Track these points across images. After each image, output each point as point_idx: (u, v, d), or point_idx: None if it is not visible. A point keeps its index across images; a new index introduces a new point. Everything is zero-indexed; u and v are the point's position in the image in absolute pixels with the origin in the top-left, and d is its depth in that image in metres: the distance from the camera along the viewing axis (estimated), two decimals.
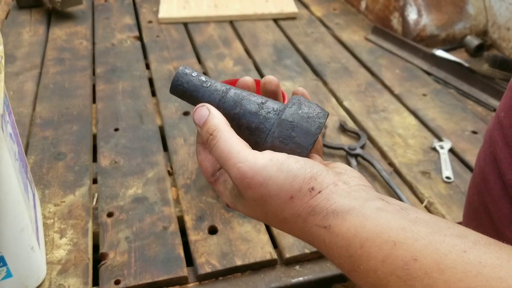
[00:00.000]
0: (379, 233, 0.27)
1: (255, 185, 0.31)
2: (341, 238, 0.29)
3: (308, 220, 0.31)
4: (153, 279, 0.59)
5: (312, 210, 0.30)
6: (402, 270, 0.25)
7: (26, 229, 0.54)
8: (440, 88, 1.03)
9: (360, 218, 0.28)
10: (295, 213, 0.31)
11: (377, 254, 0.27)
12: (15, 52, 1.14)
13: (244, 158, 0.32)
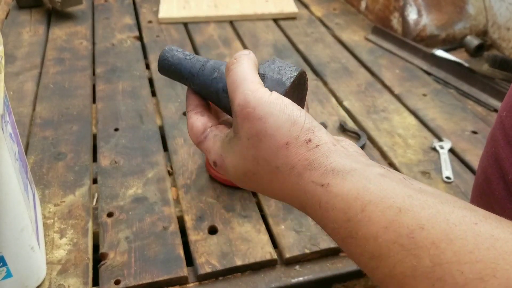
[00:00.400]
0: (383, 197, 0.25)
1: (254, 117, 0.30)
2: (340, 200, 0.26)
3: (303, 175, 0.28)
4: (153, 279, 0.59)
5: (309, 164, 0.28)
6: (406, 238, 0.23)
7: (26, 229, 0.54)
8: (440, 88, 1.03)
9: (363, 181, 0.26)
10: (289, 163, 0.29)
11: (380, 219, 0.24)
12: (15, 52, 1.14)
13: (254, 88, 0.31)
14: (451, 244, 0.22)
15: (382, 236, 0.24)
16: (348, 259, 0.64)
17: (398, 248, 0.23)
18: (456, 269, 0.21)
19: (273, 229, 0.67)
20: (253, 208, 0.70)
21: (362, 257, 0.25)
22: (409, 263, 0.23)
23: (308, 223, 0.68)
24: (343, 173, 0.27)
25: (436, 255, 0.22)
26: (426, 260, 0.22)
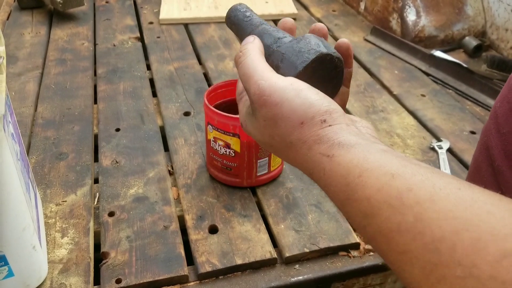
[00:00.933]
0: (380, 166, 0.28)
1: (270, 104, 0.32)
2: (342, 167, 0.29)
3: (313, 148, 0.31)
4: (154, 278, 0.60)
5: (318, 139, 0.31)
6: (395, 199, 0.26)
7: (28, 229, 0.55)
8: (438, 89, 1.04)
9: (364, 152, 0.29)
10: (301, 139, 0.32)
11: (374, 183, 0.27)
12: (17, 53, 1.15)
13: (266, 77, 0.33)
14: (433, 204, 0.24)
15: (374, 197, 0.27)
16: (347, 259, 0.64)
17: (387, 207, 0.26)
18: (435, 224, 0.23)
19: (273, 228, 0.67)
20: (253, 207, 0.71)
21: (357, 217, 0.28)
22: (395, 219, 0.25)
23: (308, 223, 0.68)
24: (348, 147, 0.30)
25: (419, 212, 0.24)
26: (409, 217, 0.25)
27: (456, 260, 0.22)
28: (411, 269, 0.24)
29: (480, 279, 0.21)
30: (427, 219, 0.24)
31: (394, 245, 0.25)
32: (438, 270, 0.23)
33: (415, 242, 0.24)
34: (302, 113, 0.32)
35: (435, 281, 0.23)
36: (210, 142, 0.73)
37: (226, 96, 0.77)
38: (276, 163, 0.75)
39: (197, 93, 1.00)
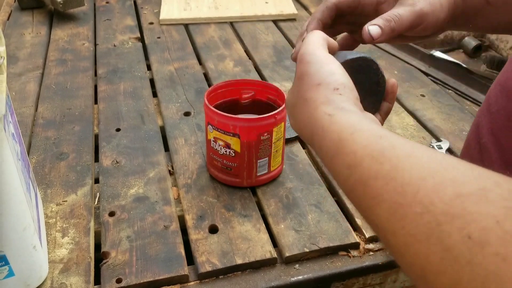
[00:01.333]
0: (371, 129, 0.32)
1: (304, 61, 0.38)
2: (338, 125, 0.33)
3: (319, 107, 0.36)
4: (154, 277, 0.60)
5: (327, 101, 0.36)
6: (378, 152, 0.29)
7: (28, 228, 0.55)
8: (438, 89, 1.04)
9: (360, 118, 0.33)
10: (313, 98, 0.36)
11: (363, 140, 0.31)
12: (17, 53, 1.15)
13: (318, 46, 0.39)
14: (409, 158, 0.28)
15: (360, 151, 0.30)
16: (347, 258, 0.64)
17: (370, 159, 0.29)
18: (407, 172, 0.27)
19: (273, 228, 0.68)
20: (253, 207, 0.71)
21: (342, 168, 0.31)
22: (374, 168, 0.29)
23: (308, 223, 0.68)
24: (348, 112, 0.34)
25: (395, 163, 0.28)
26: (387, 166, 0.28)
27: (417, 200, 0.25)
28: (379, 211, 0.27)
29: (434, 214, 0.24)
30: (401, 169, 0.27)
31: (369, 191, 0.28)
32: (402, 209, 0.26)
33: (387, 186, 0.27)
34: (323, 76, 0.37)
35: (397, 218, 0.26)
36: (210, 142, 0.73)
37: (226, 96, 0.77)
38: (276, 163, 0.75)
39: (197, 93, 1.00)
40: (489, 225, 0.22)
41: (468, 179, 0.25)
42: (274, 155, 0.73)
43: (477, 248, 0.22)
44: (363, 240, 0.66)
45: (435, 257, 0.24)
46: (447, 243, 0.23)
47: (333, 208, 0.71)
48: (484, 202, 0.23)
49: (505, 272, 0.21)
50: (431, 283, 0.24)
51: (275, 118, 0.69)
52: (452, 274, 0.23)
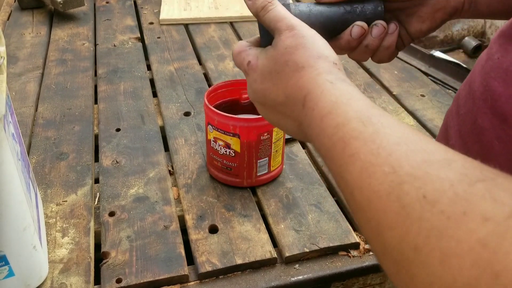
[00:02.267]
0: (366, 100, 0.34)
1: (298, 35, 0.38)
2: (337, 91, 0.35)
3: (321, 74, 0.36)
4: (154, 277, 0.60)
5: (329, 71, 0.36)
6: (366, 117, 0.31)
7: (29, 228, 0.55)
8: (438, 89, 1.04)
9: (357, 90, 0.35)
10: (314, 66, 0.37)
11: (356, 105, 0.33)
12: (17, 53, 1.15)
13: (297, 20, 0.39)
14: (392, 126, 0.30)
15: (350, 112, 0.32)
16: (347, 258, 0.64)
17: (357, 120, 0.31)
18: (385, 137, 0.29)
19: (273, 228, 0.68)
20: (253, 207, 0.71)
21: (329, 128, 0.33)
22: (358, 129, 0.30)
23: (308, 223, 0.68)
24: (349, 84, 0.35)
25: (377, 128, 0.30)
26: (370, 128, 0.30)
27: (388, 162, 0.27)
28: (352, 168, 0.29)
29: (399, 175, 0.26)
30: (382, 133, 0.29)
31: (348, 149, 0.30)
32: (372, 167, 0.28)
33: (365, 147, 0.29)
34: (322, 50, 0.38)
35: (366, 175, 0.28)
36: (210, 142, 0.73)
37: (226, 96, 0.77)
38: (276, 163, 0.75)
39: (197, 93, 1.00)
40: (443, 187, 0.24)
41: (439, 151, 0.27)
42: (274, 155, 0.73)
43: (428, 206, 0.24)
44: (363, 240, 0.66)
45: (392, 213, 0.26)
46: (404, 200, 0.25)
47: (333, 208, 0.71)
48: (446, 168, 0.25)
49: (445, 228, 0.23)
50: (383, 236, 0.26)
51: None
52: (402, 228, 0.25)
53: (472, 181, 0.24)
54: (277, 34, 0.40)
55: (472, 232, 0.22)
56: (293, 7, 0.44)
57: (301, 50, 0.38)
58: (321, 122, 0.34)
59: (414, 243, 0.24)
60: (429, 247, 0.23)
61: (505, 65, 0.32)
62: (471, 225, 0.22)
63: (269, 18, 0.40)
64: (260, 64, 0.41)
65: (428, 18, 0.47)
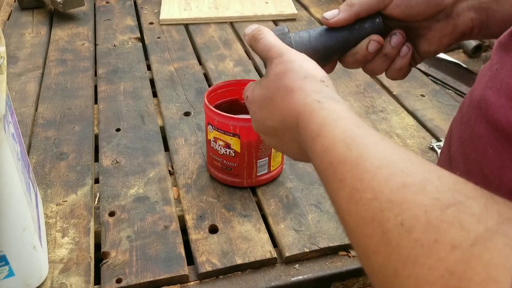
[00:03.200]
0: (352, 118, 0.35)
1: (286, 61, 0.41)
2: (325, 111, 0.36)
3: (310, 95, 0.38)
4: (154, 277, 0.60)
5: (316, 90, 0.38)
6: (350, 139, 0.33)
7: (29, 228, 0.55)
8: (438, 89, 1.04)
9: (345, 108, 0.36)
10: (302, 88, 0.39)
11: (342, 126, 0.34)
12: (17, 53, 1.15)
13: (287, 48, 0.42)
14: (375, 147, 0.31)
15: (336, 136, 0.34)
16: (347, 258, 0.64)
17: (342, 144, 0.32)
18: (369, 160, 0.30)
19: (273, 228, 0.68)
20: (253, 207, 0.71)
21: (319, 151, 0.35)
22: (343, 153, 0.32)
23: (308, 223, 0.68)
24: (337, 101, 0.37)
25: (361, 151, 0.31)
26: (354, 152, 0.31)
27: (370, 187, 0.28)
28: (342, 193, 0.31)
29: (380, 201, 0.27)
30: (365, 156, 0.30)
31: (337, 174, 0.32)
32: (358, 193, 0.29)
33: (351, 172, 0.30)
34: (307, 70, 0.40)
35: (354, 202, 0.29)
36: (210, 142, 0.73)
37: (226, 96, 0.77)
38: (276, 163, 0.75)
39: (197, 93, 1.00)
40: (418, 214, 0.25)
41: (416, 171, 0.28)
42: (274, 155, 0.73)
43: (405, 234, 0.25)
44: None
45: (375, 239, 0.27)
46: (385, 227, 0.27)
47: (333, 208, 0.71)
48: (421, 192, 0.26)
49: (419, 256, 0.24)
50: (369, 261, 0.28)
51: None
52: (384, 254, 0.26)
53: (444, 206, 0.25)
54: (269, 63, 0.42)
55: (442, 260, 0.23)
56: (293, 35, 0.46)
57: (289, 74, 0.40)
58: (313, 144, 0.36)
59: (394, 268, 0.26)
60: (406, 273, 0.25)
61: (501, 76, 0.33)
62: (441, 253, 0.24)
63: (260, 48, 0.43)
64: (256, 95, 0.43)
65: (435, 42, 0.47)
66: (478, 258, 0.22)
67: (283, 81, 0.40)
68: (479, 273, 0.22)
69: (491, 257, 0.22)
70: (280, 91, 0.40)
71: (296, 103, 0.39)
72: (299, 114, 0.38)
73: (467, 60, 1.16)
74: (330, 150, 0.33)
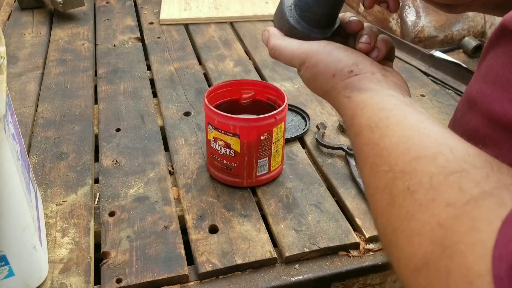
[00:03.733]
0: (378, 103, 0.37)
1: (309, 67, 0.43)
2: (353, 104, 0.39)
3: (340, 92, 0.41)
4: (154, 277, 0.60)
5: (345, 85, 0.41)
6: (374, 123, 0.36)
7: (29, 228, 0.55)
8: (438, 89, 1.04)
9: (373, 95, 0.38)
10: (333, 86, 0.42)
11: (367, 113, 0.37)
12: (18, 53, 1.15)
13: (302, 50, 0.43)
14: (396, 126, 0.34)
15: (362, 122, 0.37)
16: (347, 258, 0.64)
17: (368, 129, 0.36)
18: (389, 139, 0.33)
19: (273, 228, 0.68)
20: (253, 207, 0.71)
21: (352, 137, 0.38)
22: (368, 136, 0.35)
23: (308, 223, 0.68)
24: (364, 91, 0.39)
25: (383, 132, 0.34)
26: (376, 135, 0.34)
27: (388, 161, 0.32)
28: (365, 170, 0.34)
29: (394, 172, 0.30)
30: (386, 136, 0.33)
31: (362, 154, 0.35)
32: (376, 167, 0.32)
33: (372, 151, 0.34)
34: (333, 67, 0.41)
35: (372, 174, 0.33)
36: (210, 142, 0.73)
37: (226, 96, 0.77)
38: (276, 163, 0.75)
39: (197, 93, 1.00)
40: (424, 180, 0.28)
41: (430, 145, 0.30)
42: (274, 155, 0.73)
43: (408, 196, 0.28)
44: (363, 240, 0.66)
45: (383, 203, 0.30)
46: (393, 192, 0.30)
47: (333, 208, 0.71)
48: (431, 163, 0.29)
49: (416, 212, 0.27)
50: (377, 223, 0.31)
51: (275, 118, 0.69)
52: (388, 215, 0.29)
53: (448, 173, 0.27)
54: (298, 71, 0.45)
55: (435, 216, 0.26)
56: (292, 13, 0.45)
57: (318, 77, 0.43)
58: (348, 134, 0.40)
59: (393, 226, 0.29)
60: (401, 228, 0.28)
61: (495, 69, 0.34)
62: (436, 210, 0.26)
63: (283, 62, 0.46)
64: (302, 78, 0.46)
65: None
66: (467, 214, 0.25)
67: (316, 83, 0.44)
68: (464, 225, 0.24)
69: (479, 212, 0.24)
70: (318, 91, 0.45)
71: (334, 102, 0.43)
72: (338, 110, 0.43)
73: (467, 60, 1.16)
74: (358, 136, 0.37)
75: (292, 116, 0.92)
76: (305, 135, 0.87)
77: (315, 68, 0.43)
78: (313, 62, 0.43)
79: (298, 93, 1.00)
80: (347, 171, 0.79)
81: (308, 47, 0.43)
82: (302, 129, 0.88)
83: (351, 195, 0.74)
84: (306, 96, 0.99)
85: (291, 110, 0.93)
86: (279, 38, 0.46)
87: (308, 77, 0.44)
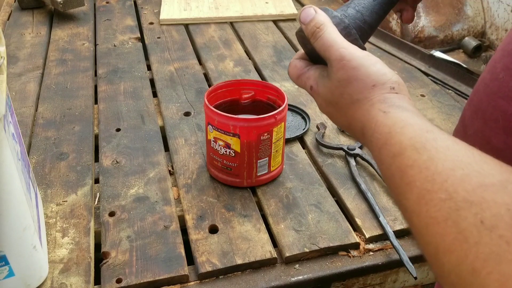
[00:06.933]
0: (421, 124, 0.34)
1: (348, 67, 0.39)
2: (391, 120, 0.36)
3: (375, 105, 0.38)
4: (154, 277, 0.60)
5: (383, 99, 0.38)
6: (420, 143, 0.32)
7: (29, 228, 0.55)
8: (438, 89, 1.04)
9: (414, 116, 0.36)
10: (368, 97, 0.38)
11: (410, 133, 0.34)
12: (18, 53, 1.15)
13: (346, 46, 0.40)
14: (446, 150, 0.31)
15: (405, 142, 0.33)
16: (347, 258, 0.64)
17: (411, 149, 0.32)
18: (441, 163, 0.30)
19: (273, 228, 0.68)
20: (253, 207, 0.71)
21: (387, 157, 0.34)
22: (413, 157, 0.32)
23: (308, 223, 0.68)
24: (403, 109, 0.37)
25: (432, 154, 0.31)
26: (424, 156, 0.31)
27: (444, 188, 0.28)
28: (410, 195, 0.31)
29: (456, 201, 0.27)
30: (436, 159, 0.30)
31: (405, 177, 0.31)
32: (429, 194, 0.29)
33: (420, 174, 0.30)
34: (375, 78, 0.39)
35: (424, 202, 0.29)
36: (210, 142, 0.73)
37: (226, 96, 0.77)
38: (276, 163, 0.75)
39: (197, 93, 1.00)
40: (501, 212, 0.25)
41: (494, 172, 0.28)
42: (274, 155, 0.73)
43: (486, 231, 0.25)
44: (363, 240, 0.66)
45: (449, 237, 0.27)
46: (461, 225, 0.26)
47: (333, 208, 0.71)
48: (502, 192, 0.26)
49: (504, 253, 0.24)
50: (441, 260, 0.27)
51: (275, 118, 0.69)
52: (460, 252, 0.26)
53: None
54: (328, 64, 0.41)
55: None
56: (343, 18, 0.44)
57: (354, 82, 0.39)
58: (379, 153, 0.36)
59: (472, 267, 0.25)
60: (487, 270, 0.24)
61: (510, 84, 0.33)
62: None
63: (318, 46, 0.41)
64: (321, 91, 0.43)
65: None
66: None
67: (347, 88, 0.40)
68: None
69: None
70: (345, 98, 0.40)
71: (361, 114, 0.39)
72: (364, 125, 0.38)
73: (467, 60, 1.16)
74: (398, 156, 0.33)
75: (292, 116, 0.92)
76: (305, 135, 0.87)
77: (354, 72, 0.39)
78: (353, 65, 0.39)
79: (298, 93, 1.00)
80: (347, 171, 0.79)
81: (354, 48, 0.40)
82: (302, 129, 0.88)
83: (351, 195, 0.74)
84: (306, 96, 0.99)
85: (291, 110, 0.93)
86: (327, 21, 0.42)
87: (341, 77, 0.40)
